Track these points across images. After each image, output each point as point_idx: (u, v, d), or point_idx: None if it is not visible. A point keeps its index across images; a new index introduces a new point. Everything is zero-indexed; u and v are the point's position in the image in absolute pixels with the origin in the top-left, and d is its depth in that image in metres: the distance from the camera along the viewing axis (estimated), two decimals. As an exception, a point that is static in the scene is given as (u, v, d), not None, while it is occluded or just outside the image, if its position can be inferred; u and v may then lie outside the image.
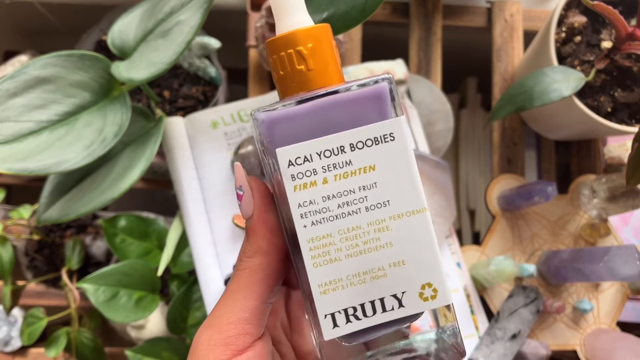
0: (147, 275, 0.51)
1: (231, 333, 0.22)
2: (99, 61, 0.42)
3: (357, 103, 0.21)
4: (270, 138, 0.21)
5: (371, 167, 0.21)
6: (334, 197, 0.21)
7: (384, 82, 0.22)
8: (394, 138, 0.21)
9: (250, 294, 0.22)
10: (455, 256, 0.54)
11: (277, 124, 0.21)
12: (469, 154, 0.67)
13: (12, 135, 0.38)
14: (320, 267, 0.21)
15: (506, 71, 0.59)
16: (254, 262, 0.22)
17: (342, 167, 0.21)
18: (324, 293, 0.21)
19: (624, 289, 0.54)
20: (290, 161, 0.21)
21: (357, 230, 0.21)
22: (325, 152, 0.21)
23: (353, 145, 0.21)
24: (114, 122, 0.41)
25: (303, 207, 0.21)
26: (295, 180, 0.21)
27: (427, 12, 0.59)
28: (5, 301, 0.53)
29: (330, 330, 0.21)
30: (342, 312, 0.21)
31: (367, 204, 0.21)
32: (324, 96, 0.21)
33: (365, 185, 0.21)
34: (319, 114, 0.21)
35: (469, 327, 0.52)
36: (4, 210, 0.59)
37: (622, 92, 0.47)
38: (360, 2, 0.32)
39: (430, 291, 0.21)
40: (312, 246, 0.21)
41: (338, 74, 0.23)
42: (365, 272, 0.21)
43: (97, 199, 0.42)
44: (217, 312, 0.22)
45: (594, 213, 0.54)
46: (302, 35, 0.22)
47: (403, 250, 0.21)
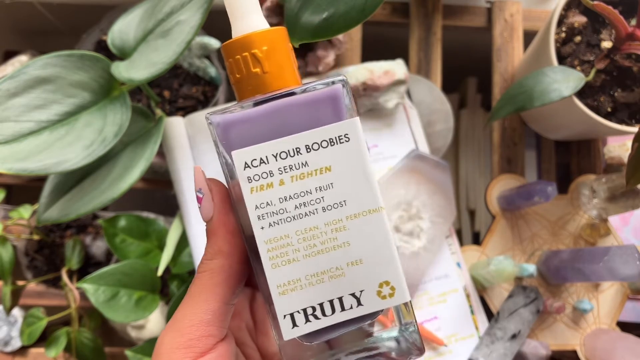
0: (147, 275, 0.51)
1: (193, 335, 0.22)
2: (99, 61, 0.42)
3: (312, 105, 0.21)
4: (226, 141, 0.21)
5: (327, 168, 0.21)
6: (291, 198, 0.21)
7: (338, 83, 0.22)
8: (349, 139, 0.21)
9: (211, 296, 0.22)
10: (455, 256, 0.54)
11: (232, 126, 0.21)
12: (469, 154, 0.67)
13: (12, 135, 0.38)
14: (279, 268, 0.21)
15: (506, 71, 0.59)
16: (214, 264, 0.22)
17: (299, 169, 0.21)
18: (283, 294, 0.21)
19: (623, 289, 0.54)
20: (247, 163, 0.21)
21: (315, 230, 0.21)
22: (281, 153, 0.21)
23: (309, 147, 0.21)
24: (114, 122, 0.41)
25: (260, 208, 0.21)
26: (252, 182, 0.21)
27: (427, 12, 0.59)
28: (5, 301, 0.53)
29: (290, 330, 0.21)
30: (301, 312, 0.21)
31: (324, 204, 0.21)
32: (278, 98, 0.21)
33: (321, 186, 0.21)
34: (274, 116, 0.21)
35: (469, 327, 0.52)
36: (4, 210, 0.59)
37: (622, 92, 0.47)
38: (360, 2, 0.32)
39: (388, 289, 0.22)
40: (270, 247, 0.21)
41: (294, 77, 0.23)
42: (323, 272, 0.22)
43: (97, 199, 0.42)
44: (179, 314, 0.22)
45: (594, 213, 0.54)
46: (257, 38, 0.22)
47: (360, 249, 0.22)
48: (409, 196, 0.52)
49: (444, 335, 0.52)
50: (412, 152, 0.53)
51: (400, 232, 0.52)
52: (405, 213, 0.52)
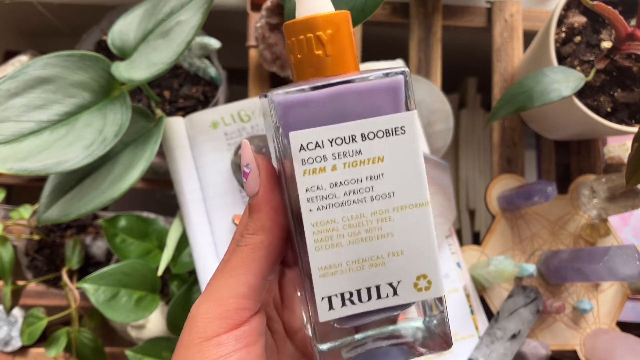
0: (147, 275, 0.51)
1: (230, 307, 0.22)
2: (99, 61, 0.42)
3: (371, 94, 0.22)
4: (284, 121, 0.21)
5: (380, 159, 0.22)
6: (341, 185, 0.21)
7: (400, 75, 0.22)
8: (404, 131, 0.21)
9: (250, 270, 0.23)
10: (455, 256, 0.54)
11: (292, 107, 0.21)
12: (468, 154, 0.67)
13: (12, 135, 0.38)
14: (322, 251, 0.22)
15: (506, 71, 0.59)
16: (256, 239, 0.23)
17: (352, 156, 0.21)
18: (323, 276, 0.22)
19: (623, 288, 0.54)
20: (302, 145, 0.21)
21: (361, 218, 0.22)
22: (337, 139, 0.21)
23: (364, 135, 0.21)
24: (114, 122, 0.41)
25: (310, 191, 0.21)
26: (305, 165, 0.21)
27: (427, 12, 0.59)
28: (6, 301, 0.53)
29: (326, 313, 0.22)
30: (339, 296, 0.22)
31: (373, 193, 0.22)
32: (339, 84, 0.21)
33: (372, 175, 0.22)
34: (333, 102, 0.21)
35: (468, 327, 0.53)
36: (4, 210, 0.59)
37: (622, 92, 0.47)
38: (360, 2, 0.32)
39: (425, 282, 0.22)
40: (316, 230, 0.21)
41: (354, 63, 0.23)
42: (364, 259, 0.22)
43: (97, 199, 0.42)
44: (216, 285, 0.23)
45: (594, 213, 0.54)
46: (323, 21, 0.22)
47: (403, 241, 0.22)
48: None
49: (444, 335, 0.52)
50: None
51: (400, 232, 0.52)
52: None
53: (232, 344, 0.22)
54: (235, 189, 0.51)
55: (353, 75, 0.22)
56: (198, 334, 0.22)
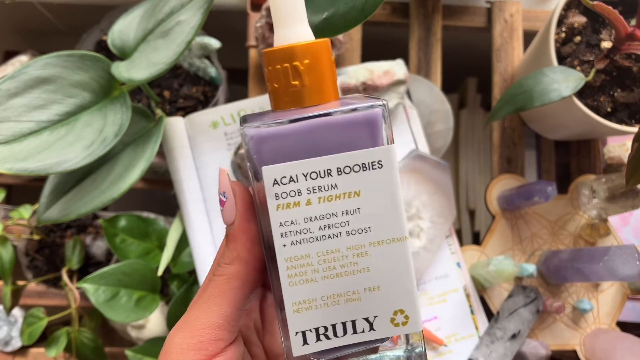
0: (147, 275, 0.51)
1: (204, 338, 0.22)
2: (99, 61, 0.42)
3: (348, 127, 0.21)
4: (258, 155, 0.21)
5: (356, 193, 0.21)
6: (316, 219, 0.21)
7: (377, 108, 0.21)
8: (382, 166, 0.21)
9: (225, 301, 0.22)
10: (455, 256, 0.54)
11: (265, 141, 0.21)
12: (468, 154, 0.67)
13: (12, 135, 0.38)
14: (296, 286, 0.21)
15: (506, 71, 0.59)
16: (231, 269, 0.22)
17: (327, 190, 0.21)
18: (297, 312, 0.21)
19: (623, 288, 0.54)
20: (276, 180, 0.21)
21: (336, 253, 0.21)
22: (312, 174, 0.21)
23: (340, 170, 0.21)
24: (114, 122, 0.41)
25: (284, 226, 0.21)
26: (279, 200, 0.21)
27: (427, 12, 0.59)
28: (6, 301, 0.53)
29: (300, 347, 0.22)
30: (313, 331, 0.22)
31: (349, 228, 0.21)
32: (315, 117, 0.21)
33: (348, 209, 0.21)
34: (308, 135, 0.21)
35: (468, 327, 0.53)
36: (4, 210, 0.59)
37: (622, 92, 0.47)
38: (360, 2, 0.32)
39: (402, 317, 0.22)
40: (290, 265, 0.21)
41: (334, 92, 0.23)
42: (339, 295, 0.22)
43: (97, 199, 0.42)
44: (192, 315, 0.23)
45: (594, 213, 0.54)
46: (300, 51, 0.22)
47: (380, 276, 0.22)
48: (409, 196, 0.52)
49: (443, 335, 0.52)
50: (412, 152, 0.53)
51: (400, 232, 0.52)
52: (405, 213, 0.52)
53: None
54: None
55: (330, 108, 0.21)
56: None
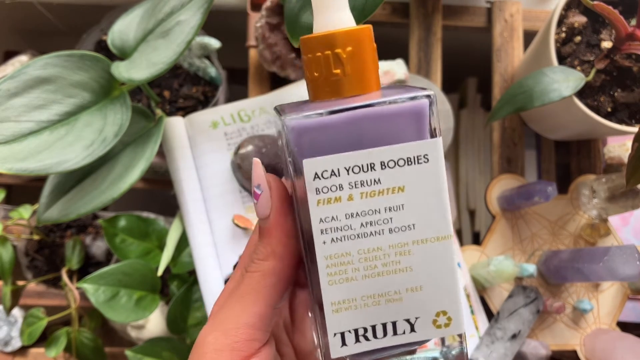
0: (147, 275, 0.51)
1: (238, 338, 0.21)
2: (99, 61, 0.42)
3: (393, 118, 0.20)
4: (298, 147, 0.20)
5: (400, 188, 0.20)
6: (358, 216, 0.20)
7: (424, 99, 0.20)
8: (427, 160, 0.20)
9: (259, 299, 0.21)
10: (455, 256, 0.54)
11: (306, 132, 0.20)
12: (469, 154, 0.67)
13: (12, 136, 0.38)
14: (335, 285, 0.20)
15: (506, 71, 0.59)
16: (266, 265, 0.22)
17: (370, 185, 0.20)
18: (336, 312, 0.21)
19: (624, 289, 0.54)
20: (317, 174, 0.20)
21: (378, 251, 0.20)
22: (354, 167, 0.20)
23: (384, 164, 0.20)
24: (114, 122, 0.41)
25: (325, 222, 0.20)
26: (320, 194, 0.20)
27: (427, 12, 0.59)
28: (6, 301, 0.53)
29: (338, 349, 0.21)
30: (352, 332, 0.21)
31: (392, 225, 0.20)
32: (358, 108, 0.20)
33: (392, 206, 0.20)
34: (351, 127, 0.20)
35: (469, 327, 0.52)
36: (4, 210, 0.59)
37: (622, 92, 0.47)
38: (360, 2, 0.32)
39: (444, 319, 0.21)
40: (330, 263, 0.20)
41: (376, 82, 0.22)
42: (380, 295, 0.21)
43: (97, 199, 0.42)
44: (224, 314, 0.22)
45: (594, 213, 0.54)
46: (343, 38, 0.21)
47: (422, 275, 0.21)
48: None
49: (444, 335, 0.52)
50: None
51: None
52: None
53: None
54: (235, 189, 0.51)
55: (374, 98, 0.20)
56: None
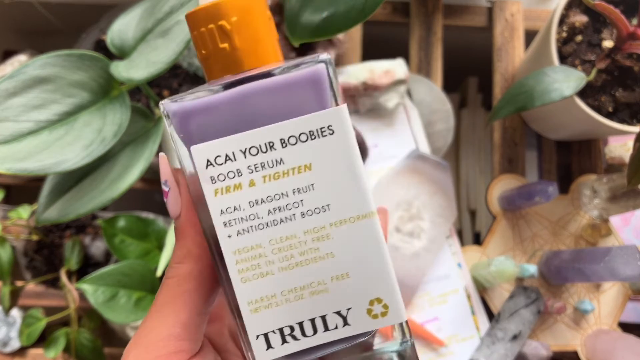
0: (146, 275, 0.51)
1: (161, 352, 0.19)
2: (99, 61, 0.42)
3: (288, 90, 0.18)
4: (184, 133, 0.18)
5: (307, 167, 0.18)
6: (264, 202, 0.18)
7: (319, 64, 0.18)
8: (333, 132, 0.18)
9: (180, 307, 0.19)
10: (456, 256, 0.54)
11: (192, 116, 0.18)
12: (469, 154, 0.67)
13: (11, 135, 0.38)
14: (250, 282, 0.18)
15: (507, 71, 0.59)
16: (183, 269, 0.20)
17: (272, 167, 0.18)
18: (255, 311, 0.19)
19: (625, 289, 0.54)
20: (209, 161, 0.18)
21: (292, 239, 0.19)
22: (252, 149, 0.18)
23: (284, 141, 0.18)
24: (114, 122, 0.41)
25: (226, 214, 0.18)
26: (216, 183, 0.18)
27: (428, 11, 0.59)
28: (4, 302, 0.52)
29: (264, 352, 0.19)
30: (277, 332, 0.19)
31: (303, 209, 0.18)
32: (247, 81, 0.18)
33: (300, 187, 0.18)
34: (242, 103, 0.18)
35: (469, 327, 0.52)
36: (3, 211, 0.59)
37: (623, 92, 0.47)
38: (360, 2, 0.32)
39: (380, 307, 0.19)
40: (239, 259, 0.18)
41: (273, 54, 0.19)
42: (303, 287, 0.19)
43: (96, 199, 0.42)
44: (146, 328, 0.20)
45: (595, 213, 0.53)
46: (225, 7, 0.18)
47: (347, 261, 0.19)
48: (409, 196, 0.52)
49: (444, 336, 0.52)
50: (412, 152, 0.53)
51: (401, 232, 0.52)
52: (405, 213, 0.52)
53: None
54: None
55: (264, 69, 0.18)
56: None
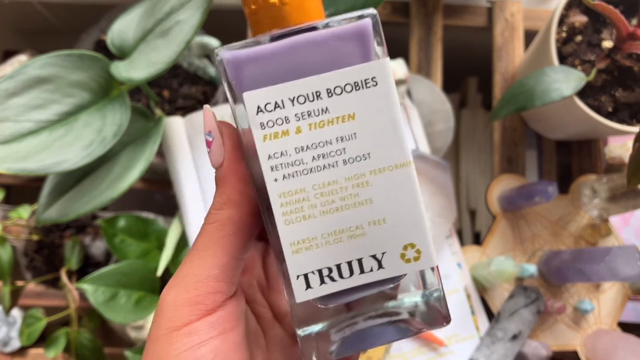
0: (146, 275, 0.51)
1: (200, 292, 0.20)
2: (99, 61, 0.42)
3: (335, 42, 0.19)
4: (237, 81, 0.19)
5: (350, 116, 0.19)
6: (309, 149, 0.19)
7: (367, 18, 0.19)
8: (376, 83, 0.19)
9: (219, 250, 0.20)
10: (456, 256, 0.54)
11: (245, 64, 0.19)
12: (469, 154, 0.67)
13: (11, 135, 0.38)
14: (293, 225, 0.19)
15: (507, 71, 0.59)
16: (223, 214, 0.20)
17: (318, 115, 0.19)
18: (297, 252, 0.19)
19: (624, 289, 0.54)
20: (260, 107, 0.19)
21: (334, 185, 0.19)
22: (299, 97, 0.19)
23: (330, 91, 0.19)
24: (114, 122, 0.41)
25: (274, 158, 0.19)
26: (265, 129, 0.19)
27: (428, 11, 0.59)
28: (5, 301, 0.52)
29: (303, 292, 0.20)
30: (316, 273, 0.20)
31: (345, 156, 0.19)
32: (297, 33, 0.19)
33: (343, 135, 0.19)
34: (292, 54, 0.19)
35: (469, 327, 0.52)
36: (3, 211, 0.59)
37: (623, 92, 0.47)
38: (360, 2, 0.32)
39: (413, 252, 0.20)
40: (284, 201, 0.19)
41: (317, 10, 0.20)
42: (342, 231, 0.20)
43: (96, 199, 0.42)
44: (184, 270, 0.21)
45: (595, 213, 0.53)
46: None
47: (384, 207, 0.19)
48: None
49: (444, 336, 0.52)
50: (412, 152, 0.53)
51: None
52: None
53: (205, 331, 0.20)
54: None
55: (313, 23, 0.19)
56: (166, 324, 0.20)
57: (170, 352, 0.19)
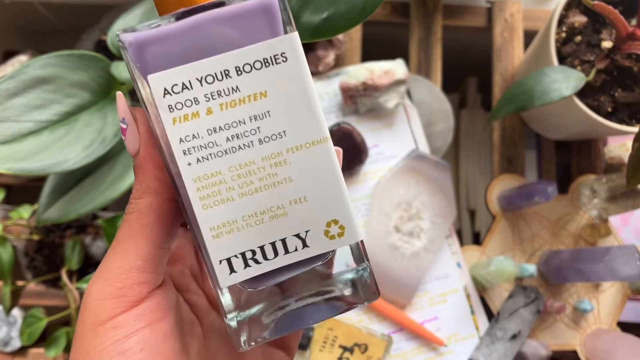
0: (147, 275, 0.51)
1: (123, 284, 0.19)
2: (99, 61, 0.42)
3: (241, 19, 0.19)
4: (141, 63, 0.18)
5: (262, 94, 0.19)
6: (221, 130, 0.19)
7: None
8: (286, 59, 0.19)
9: (141, 240, 0.20)
10: (455, 256, 0.54)
11: (148, 45, 0.18)
12: (469, 154, 0.67)
13: (11, 135, 0.38)
14: (211, 209, 0.19)
15: (506, 71, 0.59)
16: (143, 203, 0.20)
17: (229, 95, 0.19)
18: (217, 237, 0.19)
19: (624, 289, 0.54)
20: (166, 89, 0.18)
21: (251, 165, 0.19)
22: (207, 77, 0.18)
23: (239, 69, 0.18)
24: (114, 122, 0.41)
25: (185, 142, 0.19)
26: (174, 112, 0.18)
27: (427, 12, 0.59)
28: (5, 301, 0.52)
29: (227, 277, 0.19)
30: (239, 257, 0.19)
31: (261, 135, 0.19)
32: (202, 10, 0.18)
33: (256, 114, 0.19)
34: (197, 33, 0.18)
35: (469, 327, 0.52)
36: (4, 210, 0.59)
37: (623, 92, 0.47)
38: (360, 2, 0.32)
39: (336, 228, 0.20)
40: (200, 186, 0.19)
41: None
42: (263, 212, 0.19)
43: (97, 199, 0.42)
44: (107, 262, 0.20)
45: (595, 213, 0.54)
46: None
47: (304, 185, 0.19)
48: (409, 196, 0.52)
49: (444, 336, 0.52)
50: (412, 152, 0.53)
51: (401, 232, 0.52)
52: (405, 213, 0.52)
53: (131, 324, 0.19)
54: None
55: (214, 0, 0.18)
56: (92, 318, 0.19)
57: (97, 347, 0.19)
